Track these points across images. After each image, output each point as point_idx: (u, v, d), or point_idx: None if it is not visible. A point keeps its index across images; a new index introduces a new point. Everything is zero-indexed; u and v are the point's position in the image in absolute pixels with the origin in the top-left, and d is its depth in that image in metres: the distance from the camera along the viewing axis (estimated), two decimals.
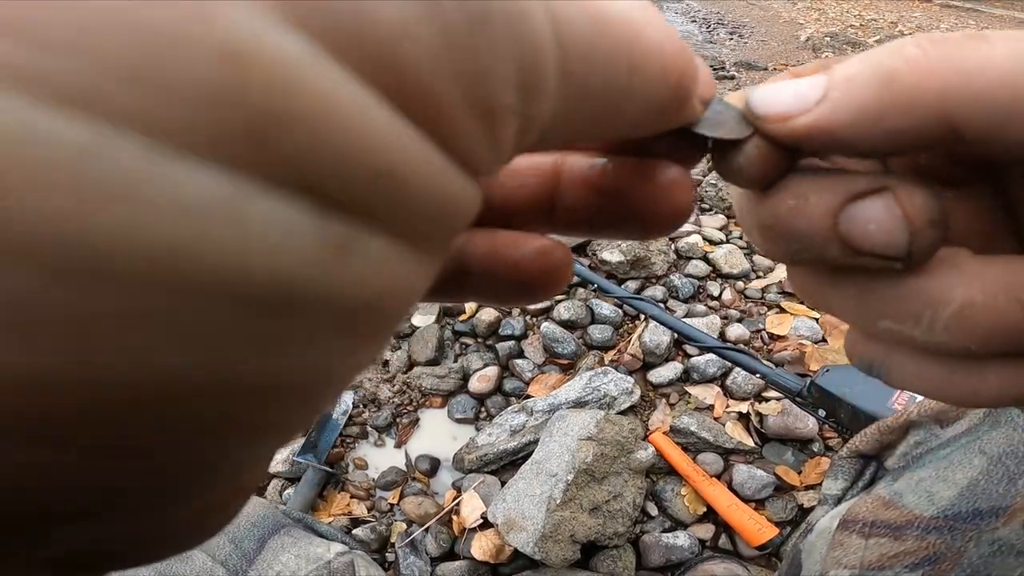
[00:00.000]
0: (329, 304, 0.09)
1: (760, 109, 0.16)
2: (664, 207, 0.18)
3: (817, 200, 0.16)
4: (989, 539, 0.36)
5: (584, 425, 1.02)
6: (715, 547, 1.00)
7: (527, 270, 0.19)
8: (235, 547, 0.56)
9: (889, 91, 0.15)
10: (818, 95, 0.15)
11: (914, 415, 0.45)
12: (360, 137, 0.09)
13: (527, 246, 0.19)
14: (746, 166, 0.17)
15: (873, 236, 0.16)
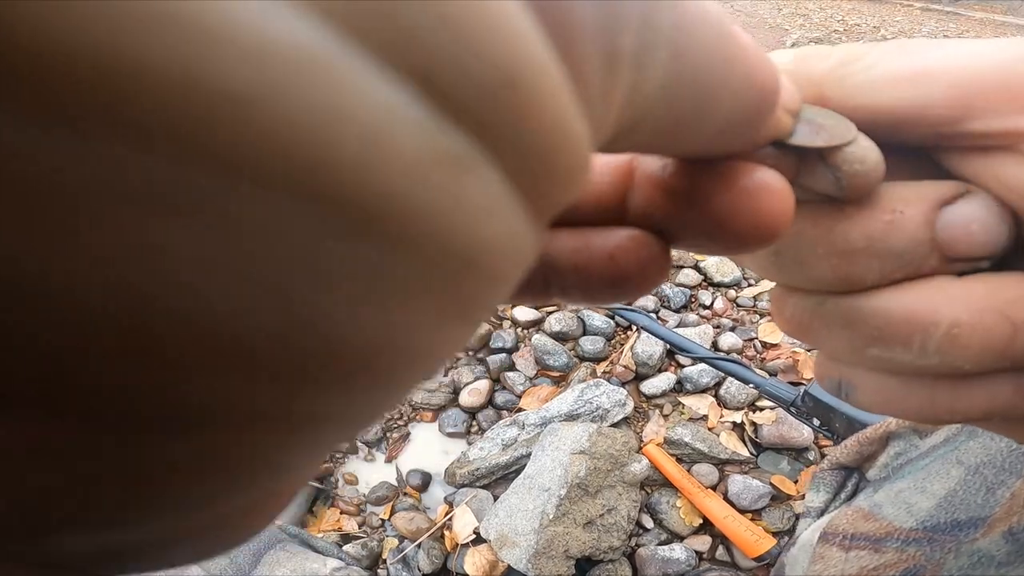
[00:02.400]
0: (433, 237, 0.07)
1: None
2: (744, 216, 0.15)
3: (914, 211, 0.16)
4: (968, 550, 0.35)
5: (577, 438, 1.02)
6: (712, 559, 0.99)
7: (624, 262, 0.16)
8: (230, 561, 0.56)
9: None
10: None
11: (893, 426, 0.45)
12: (490, 29, 0.07)
13: (621, 236, 0.16)
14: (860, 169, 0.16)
15: (975, 236, 0.16)
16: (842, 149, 0.16)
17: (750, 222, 0.14)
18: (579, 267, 0.16)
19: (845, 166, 0.16)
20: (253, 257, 0.06)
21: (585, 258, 0.16)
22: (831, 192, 0.16)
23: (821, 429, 0.90)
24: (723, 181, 0.15)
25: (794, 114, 0.15)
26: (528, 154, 0.08)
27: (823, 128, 0.16)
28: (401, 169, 0.07)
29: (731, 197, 0.15)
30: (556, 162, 0.09)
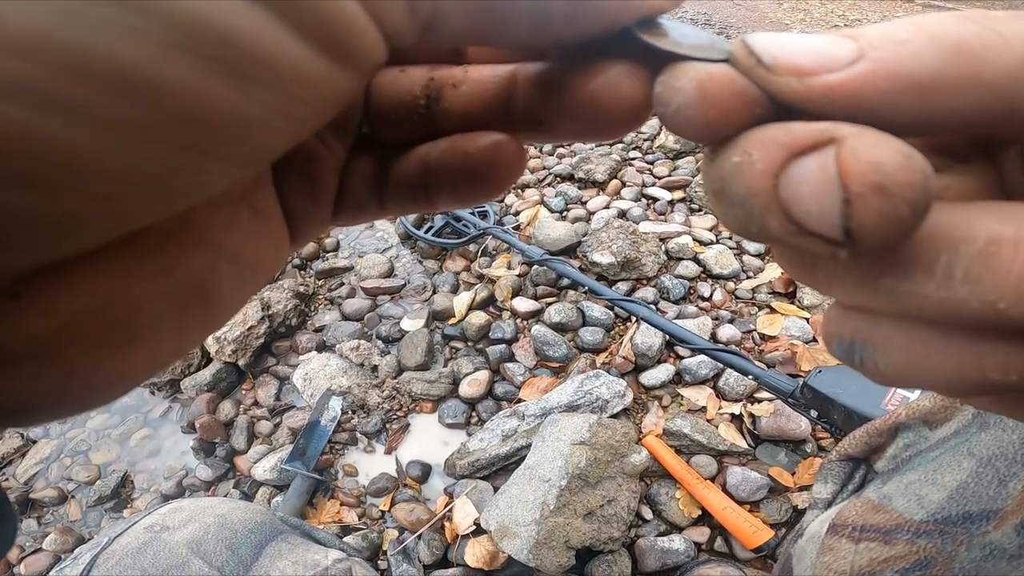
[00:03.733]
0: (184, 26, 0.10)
1: (769, 55, 0.14)
2: (607, 101, 0.17)
3: (760, 155, 0.13)
4: (980, 543, 0.35)
5: (577, 429, 1.02)
6: (711, 550, 0.99)
7: (478, 161, 0.20)
8: (232, 553, 0.56)
9: (956, 64, 0.12)
10: (849, 55, 0.13)
11: (903, 417, 0.45)
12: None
13: (479, 140, 0.20)
14: (693, 104, 0.14)
15: (804, 205, 0.12)
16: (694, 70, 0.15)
17: (612, 103, 0.17)
18: (444, 168, 0.20)
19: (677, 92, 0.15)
20: None
21: (450, 159, 0.20)
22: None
23: (819, 421, 0.90)
24: (591, 72, 0.17)
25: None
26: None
27: (692, 40, 0.16)
28: None
29: (596, 84, 0.17)
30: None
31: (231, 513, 0.61)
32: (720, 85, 0.14)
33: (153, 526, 0.57)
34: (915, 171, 0.12)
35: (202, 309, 0.16)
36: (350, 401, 1.31)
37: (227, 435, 1.31)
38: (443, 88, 0.20)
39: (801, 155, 0.13)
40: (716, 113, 0.14)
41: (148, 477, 1.29)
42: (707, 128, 0.14)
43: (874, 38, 0.13)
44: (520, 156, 0.20)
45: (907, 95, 0.13)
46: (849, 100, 0.13)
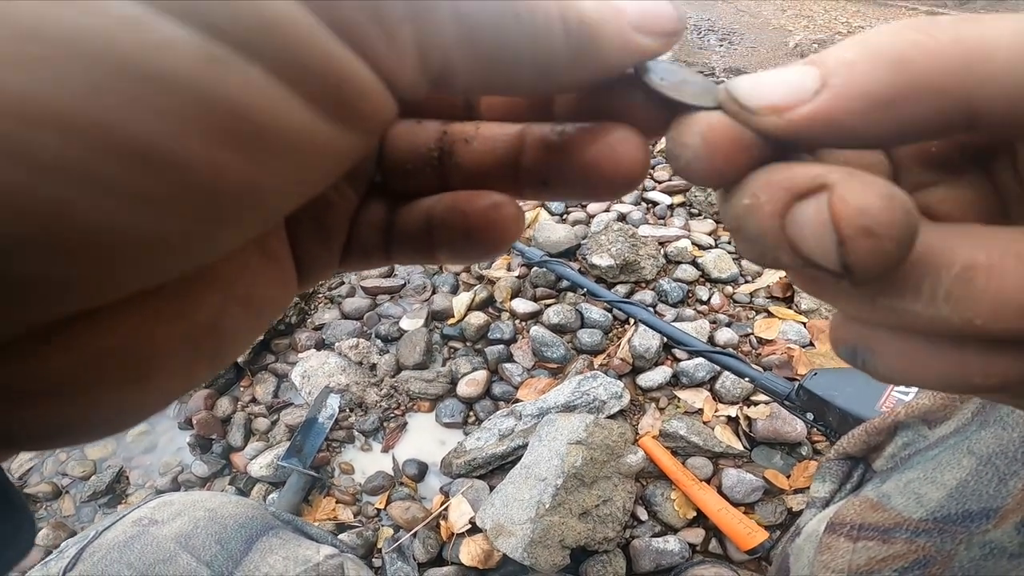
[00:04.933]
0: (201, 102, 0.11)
1: (749, 100, 0.15)
2: (608, 165, 0.18)
3: (768, 198, 0.15)
4: (980, 542, 0.36)
5: (573, 429, 1.02)
6: (705, 551, 1.00)
7: (477, 221, 0.20)
8: (221, 548, 0.55)
9: (900, 76, 0.14)
10: (814, 84, 0.14)
11: (901, 416, 0.45)
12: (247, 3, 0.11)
13: (480, 200, 0.20)
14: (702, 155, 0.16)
15: (807, 243, 0.14)
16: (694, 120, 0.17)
17: (611, 169, 0.18)
18: (446, 225, 0.21)
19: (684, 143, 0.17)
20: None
21: (451, 217, 0.21)
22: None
23: (815, 423, 0.91)
24: (592, 136, 0.18)
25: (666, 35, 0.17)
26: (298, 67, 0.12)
27: (691, 87, 0.18)
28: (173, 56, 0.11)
29: (596, 149, 0.18)
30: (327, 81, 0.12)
31: (222, 507, 0.60)
32: (722, 137, 0.16)
33: (141, 520, 0.57)
34: (897, 210, 0.13)
35: (212, 347, 0.17)
36: (348, 399, 1.31)
37: (224, 431, 1.31)
38: (455, 143, 0.21)
39: (801, 199, 0.14)
40: (722, 162, 0.16)
41: (144, 473, 1.29)
42: (717, 176, 0.16)
43: (831, 64, 0.15)
44: (518, 219, 0.21)
45: (872, 112, 0.14)
46: (826, 126, 0.14)
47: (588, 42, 0.16)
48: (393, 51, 0.13)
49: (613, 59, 0.17)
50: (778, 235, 0.15)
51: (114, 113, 0.10)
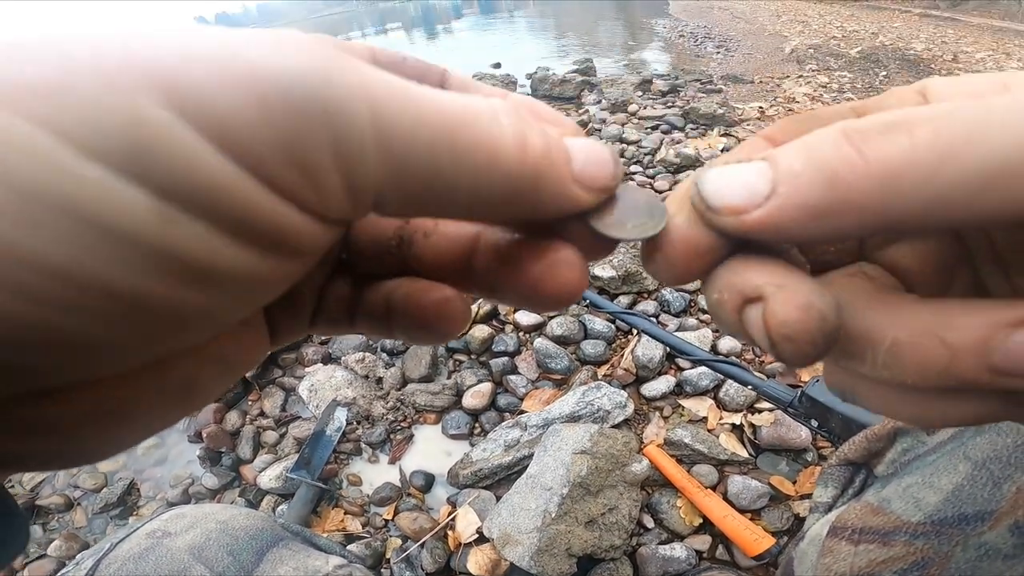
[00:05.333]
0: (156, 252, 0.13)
1: (714, 201, 0.18)
2: (547, 285, 0.20)
3: (728, 298, 0.19)
4: (976, 543, 0.37)
5: (578, 439, 1.03)
6: (712, 558, 1.00)
7: (429, 313, 0.22)
8: (233, 559, 0.56)
9: (832, 193, 0.16)
10: (766, 189, 0.17)
11: (901, 423, 0.46)
12: (192, 169, 0.13)
13: (433, 294, 0.22)
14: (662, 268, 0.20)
15: (755, 336, 0.18)
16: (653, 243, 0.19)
17: (551, 288, 0.20)
18: (402, 311, 0.23)
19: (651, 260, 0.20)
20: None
21: (407, 305, 0.22)
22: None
23: (819, 430, 0.91)
24: (537, 254, 0.20)
25: (601, 191, 0.19)
26: (234, 224, 0.14)
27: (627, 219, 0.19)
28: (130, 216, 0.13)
29: (540, 267, 0.20)
30: (262, 229, 0.15)
31: (233, 519, 0.62)
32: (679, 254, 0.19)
33: (155, 532, 0.58)
34: (812, 320, 0.17)
35: (187, 399, 0.20)
36: (355, 412, 1.32)
37: (233, 444, 1.32)
38: (414, 235, 0.23)
39: (749, 303, 0.18)
40: (684, 271, 0.19)
41: (154, 485, 1.30)
42: (684, 279, 0.20)
43: (782, 170, 0.17)
44: (465, 314, 0.23)
45: (808, 221, 0.16)
46: (772, 227, 0.17)
47: (527, 189, 0.17)
48: (322, 196, 0.15)
49: (548, 208, 0.18)
50: (739, 326, 0.18)
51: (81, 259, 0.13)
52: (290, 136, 0.14)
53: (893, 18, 6.64)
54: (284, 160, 0.14)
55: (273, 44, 0.15)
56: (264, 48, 0.14)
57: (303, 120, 0.14)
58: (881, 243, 0.23)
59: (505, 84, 3.83)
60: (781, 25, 5.77)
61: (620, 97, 3.17)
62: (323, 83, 0.14)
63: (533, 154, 0.17)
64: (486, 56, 5.50)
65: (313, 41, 0.15)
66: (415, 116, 0.15)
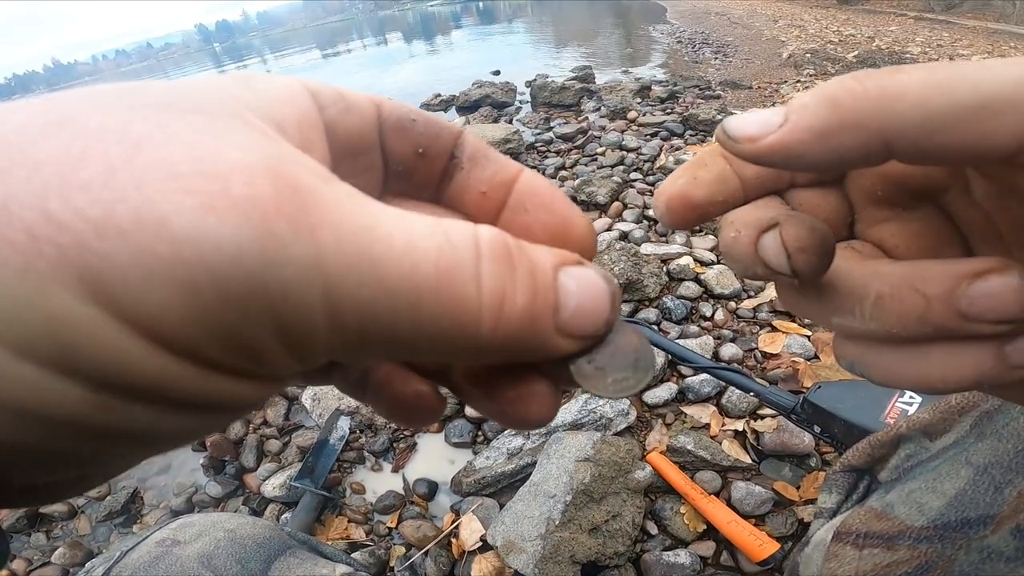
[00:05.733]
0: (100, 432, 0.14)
1: (734, 132, 0.19)
2: (517, 412, 0.21)
3: (744, 233, 0.21)
4: (978, 547, 0.37)
5: (581, 447, 1.03)
6: (717, 564, 1.00)
7: (402, 403, 0.23)
8: (241, 567, 0.57)
9: (835, 114, 0.18)
10: (780, 120, 0.19)
11: (904, 429, 0.46)
12: (124, 364, 0.13)
13: (409, 386, 0.23)
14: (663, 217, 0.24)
15: (770, 259, 0.21)
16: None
17: (521, 416, 0.21)
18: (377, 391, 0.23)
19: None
20: None
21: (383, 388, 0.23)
22: None
23: (822, 436, 0.92)
24: (509, 381, 0.21)
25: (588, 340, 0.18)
26: (170, 400, 0.14)
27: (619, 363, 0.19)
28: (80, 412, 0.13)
29: (511, 395, 0.21)
30: (193, 400, 0.15)
31: (240, 528, 0.62)
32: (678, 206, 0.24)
33: (164, 540, 0.58)
34: (817, 236, 0.20)
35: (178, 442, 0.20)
36: (358, 421, 1.32)
37: (237, 453, 1.32)
38: None
39: (764, 231, 0.21)
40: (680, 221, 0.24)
41: (158, 493, 1.30)
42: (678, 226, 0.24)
43: (793, 105, 0.19)
44: (438, 410, 0.24)
45: (814, 141, 0.18)
46: (782, 151, 0.18)
47: (501, 345, 0.17)
48: (269, 369, 0.15)
49: (526, 357, 0.18)
50: (754, 256, 0.21)
51: (26, 440, 0.13)
52: (229, 326, 0.14)
53: (889, 22, 6.67)
54: (224, 348, 0.14)
55: (205, 202, 0.13)
56: (193, 213, 0.13)
57: (242, 309, 0.13)
58: (871, 222, 0.25)
59: (505, 91, 3.85)
60: (778, 30, 5.79)
61: (619, 104, 3.18)
62: (264, 265, 0.13)
63: (509, 320, 0.16)
64: (485, 64, 5.52)
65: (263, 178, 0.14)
66: (376, 289, 0.14)
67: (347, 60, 10.28)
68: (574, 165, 2.53)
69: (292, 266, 0.13)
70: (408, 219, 0.15)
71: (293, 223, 0.14)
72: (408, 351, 0.16)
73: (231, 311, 0.13)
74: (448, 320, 0.15)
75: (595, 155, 2.57)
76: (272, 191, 0.14)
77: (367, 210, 0.15)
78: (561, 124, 3.11)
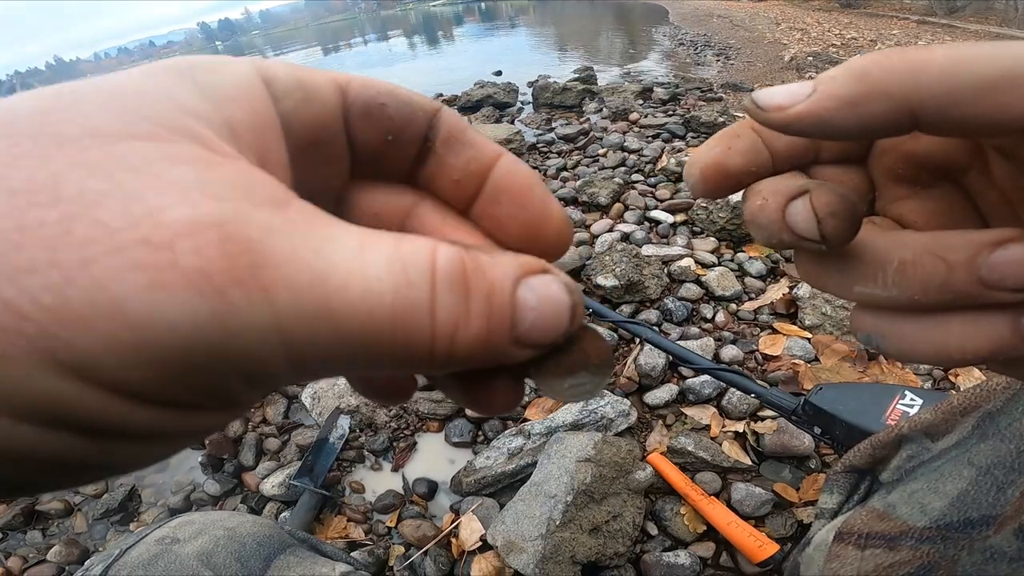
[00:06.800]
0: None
1: (763, 102, 0.20)
2: (484, 402, 0.22)
3: (772, 200, 0.22)
4: (981, 547, 0.37)
5: (582, 447, 1.03)
6: (716, 565, 1.00)
7: (375, 386, 0.25)
8: (241, 565, 0.57)
9: (862, 83, 0.18)
10: (808, 91, 0.19)
11: (905, 429, 0.46)
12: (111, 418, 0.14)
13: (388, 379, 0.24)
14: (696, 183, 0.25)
15: (799, 224, 0.21)
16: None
17: (488, 405, 0.22)
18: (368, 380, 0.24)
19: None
20: None
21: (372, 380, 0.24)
22: None
23: (822, 437, 0.91)
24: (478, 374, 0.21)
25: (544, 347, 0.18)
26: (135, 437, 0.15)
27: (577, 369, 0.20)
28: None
29: (477, 387, 0.21)
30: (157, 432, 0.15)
31: (240, 526, 0.62)
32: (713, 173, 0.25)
33: (164, 538, 0.58)
34: (846, 202, 0.21)
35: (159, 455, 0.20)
36: (358, 420, 1.32)
37: (236, 451, 1.32)
38: None
39: (793, 198, 0.21)
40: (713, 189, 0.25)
41: (156, 491, 1.30)
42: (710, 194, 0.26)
43: (822, 77, 0.20)
44: (410, 390, 0.25)
45: (842, 110, 0.19)
46: (811, 119, 0.19)
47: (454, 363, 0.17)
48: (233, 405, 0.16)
49: (483, 365, 0.18)
50: (781, 222, 0.22)
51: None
52: (202, 382, 0.14)
53: (891, 25, 6.67)
54: (199, 396, 0.15)
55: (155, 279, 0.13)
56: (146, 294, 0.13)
57: (210, 370, 0.14)
58: (891, 199, 0.26)
59: (506, 92, 3.85)
60: (780, 33, 5.79)
61: (621, 105, 3.18)
62: (224, 336, 0.13)
63: (461, 344, 0.16)
64: (487, 64, 5.52)
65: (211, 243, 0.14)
66: (334, 337, 0.15)
67: (349, 59, 10.32)
68: (575, 166, 2.53)
69: (251, 332, 0.14)
70: (365, 254, 0.15)
71: (246, 289, 0.14)
72: (364, 371, 0.18)
73: (201, 374, 0.14)
74: (401, 351, 0.16)
75: (597, 156, 2.56)
76: (221, 257, 0.13)
77: (323, 251, 0.15)
78: (563, 125, 3.11)
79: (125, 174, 0.14)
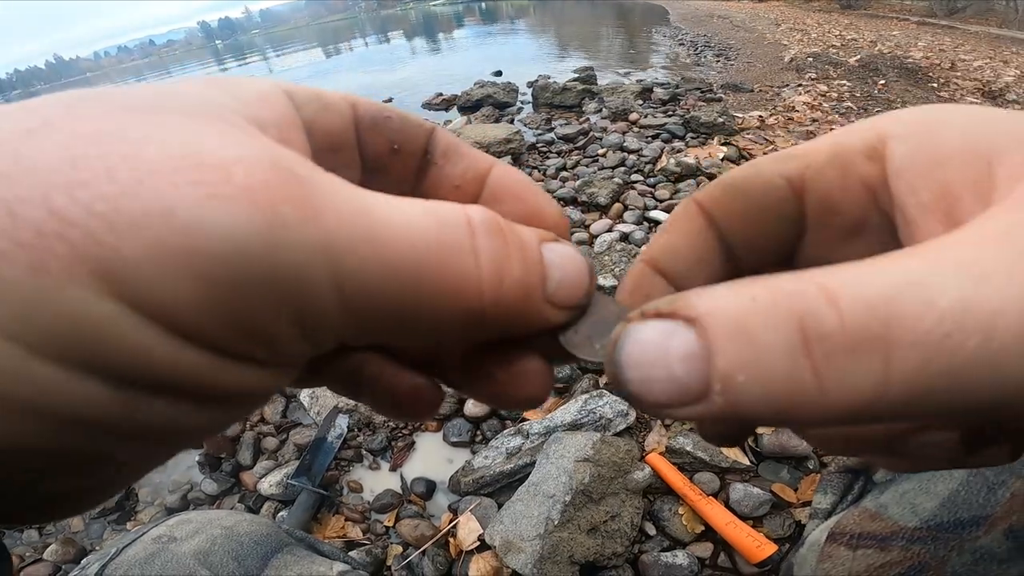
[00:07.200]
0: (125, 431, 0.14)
1: (641, 396, 0.15)
2: (514, 392, 0.21)
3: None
4: (971, 548, 0.37)
5: (581, 447, 1.03)
6: (715, 565, 1.00)
7: (399, 399, 0.22)
8: (238, 564, 0.57)
9: (776, 415, 0.14)
10: (698, 388, 0.14)
11: None
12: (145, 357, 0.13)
13: (405, 381, 0.22)
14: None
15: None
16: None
17: (518, 395, 0.21)
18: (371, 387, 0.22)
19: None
20: None
21: (377, 384, 0.22)
22: None
23: None
24: (503, 363, 0.21)
25: (573, 309, 0.19)
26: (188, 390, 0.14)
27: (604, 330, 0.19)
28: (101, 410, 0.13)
29: (506, 376, 0.21)
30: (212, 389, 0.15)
31: (237, 525, 0.62)
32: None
33: (161, 537, 0.58)
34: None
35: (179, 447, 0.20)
36: (356, 419, 1.32)
37: (233, 450, 1.32)
38: None
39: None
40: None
41: (153, 490, 1.30)
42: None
43: (718, 368, 0.14)
44: (437, 402, 0.23)
45: (742, 418, 0.14)
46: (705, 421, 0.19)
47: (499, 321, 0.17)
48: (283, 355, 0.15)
49: (518, 330, 0.18)
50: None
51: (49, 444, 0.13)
52: (243, 313, 0.14)
53: (891, 26, 6.66)
54: (239, 335, 0.14)
55: (211, 192, 0.13)
56: (200, 204, 0.13)
57: (255, 295, 0.14)
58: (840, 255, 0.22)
59: (506, 92, 3.85)
60: (780, 34, 5.79)
61: (621, 106, 3.18)
62: (273, 249, 0.13)
63: (509, 290, 0.17)
64: (487, 64, 5.52)
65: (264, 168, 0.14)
66: (380, 267, 0.15)
67: (349, 58, 10.30)
68: (575, 166, 2.53)
69: (301, 249, 0.14)
70: (402, 203, 0.16)
71: (298, 208, 0.14)
72: (412, 329, 0.16)
73: (244, 297, 0.13)
74: (450, 294, 0.16)
75: (596, 156, 2.57)
76: (275, 179, 0.14)
77: (363, 196, 0.15)
78: (562, 125, 3.11)
79: (185, 129, 0.14)
